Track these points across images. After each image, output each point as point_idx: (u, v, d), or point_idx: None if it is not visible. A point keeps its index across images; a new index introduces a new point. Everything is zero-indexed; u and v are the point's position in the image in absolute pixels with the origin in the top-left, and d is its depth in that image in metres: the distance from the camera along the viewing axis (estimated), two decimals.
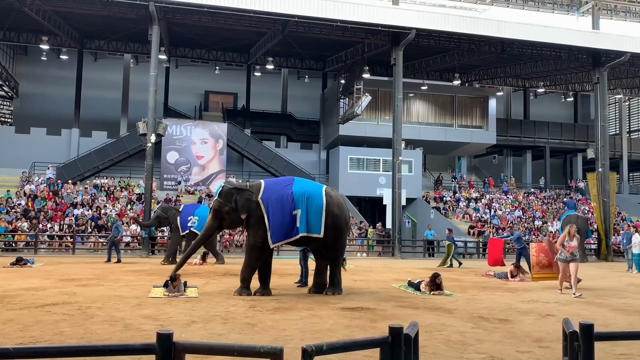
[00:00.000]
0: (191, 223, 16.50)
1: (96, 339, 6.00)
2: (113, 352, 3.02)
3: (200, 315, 7.56)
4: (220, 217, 10.07)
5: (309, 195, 9.79)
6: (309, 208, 9.68)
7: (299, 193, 9.76)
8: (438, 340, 6.35)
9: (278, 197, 9.75)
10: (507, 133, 34.98)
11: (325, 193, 10.00)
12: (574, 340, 3.48)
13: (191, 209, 17.08)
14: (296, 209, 9.66)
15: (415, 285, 11.06)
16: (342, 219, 10.12)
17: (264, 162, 29.66)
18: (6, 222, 21.74)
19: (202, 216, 16.28)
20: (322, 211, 9.75)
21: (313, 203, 9.75)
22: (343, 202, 10.43)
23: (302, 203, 9.68)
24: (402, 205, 24.42)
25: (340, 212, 10.07)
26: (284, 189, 9.90)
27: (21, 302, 8.41)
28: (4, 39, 28.33)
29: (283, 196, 9.74)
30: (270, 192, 9.85)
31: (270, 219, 9.62)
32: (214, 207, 10.19)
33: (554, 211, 31.43)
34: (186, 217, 16.59)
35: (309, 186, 10.20)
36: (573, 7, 32.40)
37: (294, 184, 10.04)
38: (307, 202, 9.71)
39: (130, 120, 29.42)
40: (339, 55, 30.15)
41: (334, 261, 10.22)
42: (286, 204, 9.67)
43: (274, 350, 2.84)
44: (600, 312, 8.85)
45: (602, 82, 26.85)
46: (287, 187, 9.96)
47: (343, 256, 10.44)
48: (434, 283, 10.55)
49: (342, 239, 10.33)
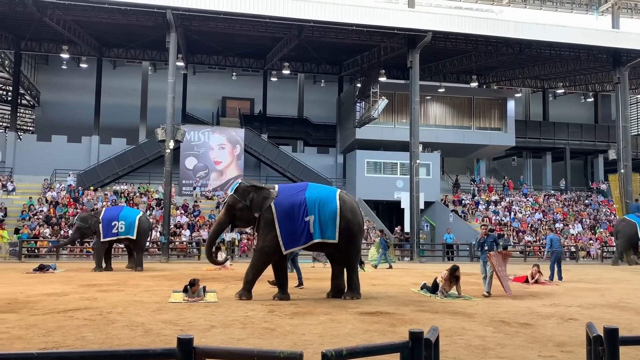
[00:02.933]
0: (116, 229, 15.79)
1: (117, 344, 6.06)
2: (134, 357, 3.04)
3: (219, 320, 7.58)
4: (233, 213, 10.06)
5: (322, 201, 9.72)
6: (322, 214, 9.62)
7: (312, 199, 9.71)
8: (458, 344, 6.29)
9: (290, 203, 9.71)
10: (526, 135, 34.61)
11: (338, 197, 9.91)
12: (598, 344, 3.42)
13: (113, 213, 16.26)
14: (309, 215, 9.60)
15: (431, 288, 10.97)
16: (355, 223, 10.02)
17: (281, 166, 29.75)
18: (29, 229, 22.10)
19: (128, 219, 15.92)
20: (335, 216, 9.67)
21: (326, 208, 9.68)
22: (356, 207, 10.34)
23: (315, 209, 9.62)
24: (420, 209, 24.29)
25: (353, 217, 9.98)
26: (296, 195, 9.85)
27: (44, 308, 8.53)
28: (25, 49, 28.90)
29: (295, 202, 9.69)
30: (283, 198, 9.81)
31: (280, 225, 9.58)
32: (228, 203, 10.19)
33: (575, 213, 30.99)
34: (108, 223, 15.81)
35: (322, 191, 10.09)
36: (592, 7, 32.00)
37: (307, 190, 9.97)
38: (320, 207, 9.64)
39: (149, 127, 29.74)
40: (354, 59, 30.15)
41: (350, 266, 10.15)
42: (298, 211, 9.62)
43: (293, 355, 2.84)
44: (624, 316, 8.68)
45: (623, 82, 26.45)
46: (300, 193, 9.90)
47: (358, 260, 10.36)
48: (454, 276, 10.43)
49: (356, 243, 10.23)
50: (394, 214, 31.14)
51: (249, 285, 9.84)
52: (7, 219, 23.59)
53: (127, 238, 16.12)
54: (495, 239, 11.48)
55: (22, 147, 29.21)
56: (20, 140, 30.54)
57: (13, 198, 25.48)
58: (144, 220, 16.50)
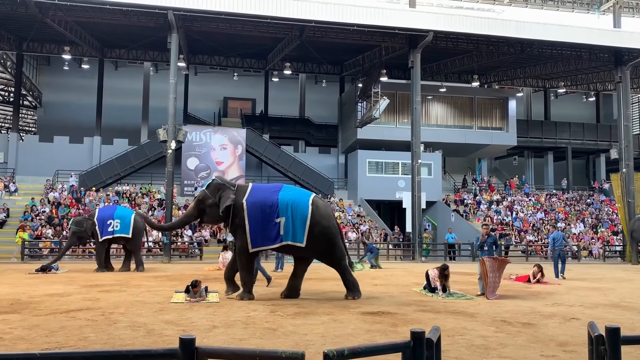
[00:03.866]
0: (112, 227, 15.89)
1: (120, 344, 6.07)
2: (137, 357, 3.05)
3: (221, 320, 7.59)
4: (201, 208, 10.17)
5: (294, 204, 9.67)
6: (293, 217, 9.57)
7: (284, 201, 9.66)
8: (460, 344, 6.29)
9: (262, 202, 9.70)
10: (527, 134, 34.59)
11: (311, 202, 9.82)
12: (600, 344, 3.42)
13: (108, 213, 16.35)
14: (280, 216, 9.57)
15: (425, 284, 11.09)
16: (332, 227, 9.95)
17: (283, 166, 29.77)
18: (31, 229, 22.14)
19: (123, 217, 16.02)
20: (306, 221, 9.60)
21: (297, 212, 9.62)
22: (331, 213, 10.24)
23: (286, 211, 9.58)
24: (422, 209, 24.28)
25: (328, 222, 9.89)
26: (270, 196, 9.82)
27: (46, 308, 8.55)
28: (27, 50, 28.95)
29: (267, 203, 9.68)
30: (255, 197, 9.81)
31: (250, 223, 9.60)
32: (198, 197, 10.35)
33: (577, 213, 30.96)
34: (104, 222, 15.90)
35: (295, 194, 10.03)
36: (593, 6, 31.97)
37: (281, 192, 9.93)
38: (292, 210, 9.59)
39: (151, 128, 29.78)
40: (356, 59, 30.16)
41: (340, 268, 10.08)
42: (269, 211, 9.60)
43: (295, 355, 2.84)
44: (626, 315, 8.68)
45: (624, 81, 26.41)
46: (274, 193, 9.87)
47: (346, 260, 10.21)
48: (443, 275, 10.59)
49: (337, 245, 10.07)
50: (396, 213, 31.14)
51: (248, 286, 9.87)
52: (10, 219, 23.66)
53: (123, 237, 16.16)
54: (495, 240, 11.44)
55: (24, 148, 29.26)
56: (22, 141, 30.58)
57: (15, 199, 25.54)
58: (138, 220, 16.54)
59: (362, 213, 28.23)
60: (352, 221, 26.77)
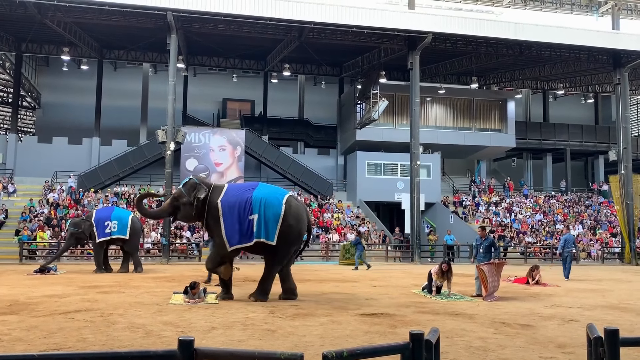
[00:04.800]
0: (109, 229, 15.90)
1: (118, 346, 6.06)
2: (135, 358, 3.05)
3: (220, 322, 7.59)
4: (176, 205, 10.22)
5: (267, 201, 9.63)
6: (266, 214, 9.53)
7: (258, 198, 9.64)
8: (459, 346, 6.29)
9: (236, 201, 9.69)
10: (526, 136, 34.62)
11: (285, 201, 9.77)
12: (599, 345, 3.42)
13: (105, 214, 16.36)
14: (253, 214, 9.54)
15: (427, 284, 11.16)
16: (295, 231, 9.85)
17: (282, 168, 29.76)
18: (29, 231, 22.12)
19: (120, 218, 16.04)
20: (278, 219, 9.56)
21: (270, 210, 9.58)
22: (303, 214, 10.08)
23: (259, 208, 9.55)
24: (420, 210, 24.28)
25: (295, 223, 9.79)
26: (244, 194, 9.81)
27: (45, 309, 8.54)
28: (26, 51, 28.94)
29: (241, 201, 9.67)
30: (230, 196, 9.82)
31: (225, 222, 9.61)
32: (173, 195, 10.46)
33: (576, 214, 30.99)
34: (102, 223, 15.92)
35: (270, 192, 9.97)
36: (592, 8, 32.00)
37: (256, 190, 9.91)
38: (265, 208, 9.56)
39: (150, 129, 29.76)
40: (355, 60, 30.18)
41: (270, 268, 9.94)
42: (243, 209, 9.58)
43: (294, 356, 2.84)
44: (625, 317, 8.69)
45: (623, 83, 26.46)
46: (248, 191, 9.86)
47: (280, 266, 10.05)
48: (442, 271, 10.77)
49: (286, 249, 9.93)
50: (395, 215, 31.14)
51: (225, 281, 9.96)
52: (8, 220, 23.63)
53: (120, 238, 16.16)
54: (491, 243, 11.42)
55: (23, 148, 29.23)
56: (21, 142, 30.55)
57: (14, 200, 25.50)
58: (136, 221, 16.55)
59: (361, 214, 28.24)
60: (351, 222, 26.77)
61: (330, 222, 26.40)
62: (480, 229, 11.97)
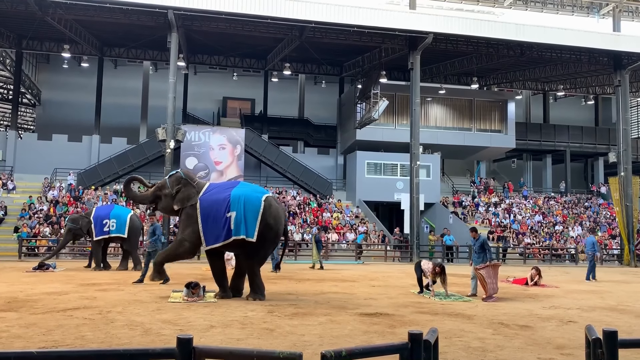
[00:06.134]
0: (108, 227, 15.91)
1: (117, 343, 6.06)
2: (134, 356, 3.05)
3: (218, 320, 7.59)
4: (158, 195, 10.23)
5: (246, 199, 9.61)
6: (244, 211, 9.51)
7: (237, 196, 9.62)
8: (458, 346, 6.29)
9: (215, 199, 9.69)
10: (526, 137, 34.63)
11: (264, 200, 9.75)
12: (598, 347, 3.42)
13: (105, 212, 16.31)
14: (231, 211, 9.52)
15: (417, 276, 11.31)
16: (274, 230, 9.82)
17: (281, 167, 29.76)
18: (29, 228, 22.11)
19: (119, 217, 16.04)
20: (257, 216, 9.54)
21: (249, 207, 9.55)
22: (281, 215, 10.07)
23: (237, 205, 9.52)
24: (420, 210, 24.28)
25: (274, 224, 9.77)
26: (223, 192, 9.80)
27: (43, 307, 8.53)
28: (27, 48, 28.92)
29: (220, 199, 9.66)
30: (209, 194, 9.82)
31: (203, 221, 9.60)
32: (158, 184, 10.43)
33: (575, 216, 31.00)
34: (100, 221, 15.91)
35: (249, 190, 9.97)
36: (593, 9, 32.00)
37: (235, 188, 9.90)
38: (244, 205, 9.54)
39: (150, 127, 29.76)
40: (355, 60, 30.17)
41: (252, 268, 9.90)
42: (220, 207, 9.58)
43: (293, 355, 2.84)
44: (623, 319, 8.69)
45: (623, 85, 26.46)
46: (227, 190, 9.85)
47: (261, 265, 10.08)
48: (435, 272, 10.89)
49: (265, 249, 9.95)
50: (394, 215, 31.14)
51: (158, 266, 10.01)
52: (7, 217, 23.62)
53: (119, 236, 16.16)
54: (483, 242, 11.44)
55: (22, 145, 29.22)
56: (20, 139, 30.54)
57: (13, 197, 25.50)
58: (135, 219, 16.54)
59: (360, 214, 28.24)
60: (350, 222, 26.77)
61: (330, 221, 26.41)
62: (472, 231, 12.00)
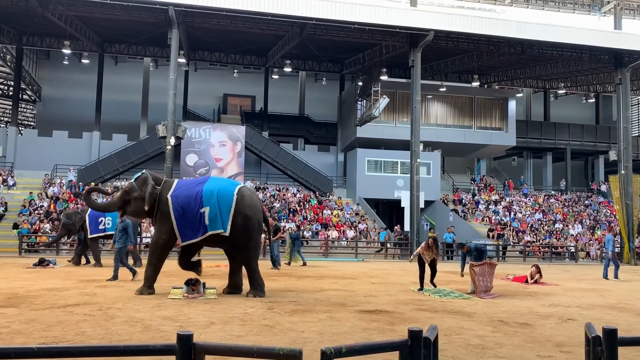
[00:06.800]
0: (103, 225, 15.94)
1: (117, 340, 6.07)
2: (134, 352, 3.05)
3: (218, 317, 7.60)
4: (126, 199, 10.09)
5: (219, 193, 9.60)
6: (219, 205, 9.51)
7: (209, 191, 9.61)
8: (457, 343, 6.30)
9: (187, 195, 9.66)
10: (527, 135, 34.61)
11: (237, 192, 9.74)
12: (597, 345, 3.42)
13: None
14: (204, 206, 9.50)
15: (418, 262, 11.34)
16: (254, 220, 9.81)
17: (282, 164, 29.76)
18: (29, 224, 22.13)
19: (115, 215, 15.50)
20: (230, 209, 9.52)
21: (222, 200, 9.55)
22: (257, 204, 10.03)
23: (210, 200, 9.51)
24: (420, 208, 24.28)
25: (253, 214, 9.76)
26: (194, 187, 9.78)
27: (43, 303, 8.54)
28: (27, 44, 28.89)
29: (192, 194, 9.64)
30: (180, 191, 9.78)
31: (176, 217, 9.57)
32: (124, 189, 10.31)
33: (575, 214, 31.00)
34: (95, 219, 15.88)
35: (221, 184, 9.97)
36: (594, 7, 31.95)
37: (206, 183, 9.88)
38: (217, 199, 9.53)
39: (150, 123, 29.75)
40: (356, 57, 30.14)
41: (249, 263, 9.88)
42: (194, 202, 9.56)
43: (293, 352, 2.84)
44: (623, 317, 8.70)
45: (624, 83, 26.43)
46: (199, 185, 9.83)
47: (257, 257, 10.06)
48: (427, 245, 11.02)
49: (254, 240, 9.96)
50: (394, 212, 31.15)
51: (149, 281, 9.87)
52: (8, 213, 23.64)
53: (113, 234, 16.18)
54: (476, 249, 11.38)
55: (23, 142, 29.22)
56: (21, 135, 30.54)
57: (14, 193, 25.51)
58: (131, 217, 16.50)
59: (360, 211, 28.24)
60: (350, 219, 26.78)
61: (330, 218, 26.42)
62: (461, 247, 11.92)
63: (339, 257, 23.01)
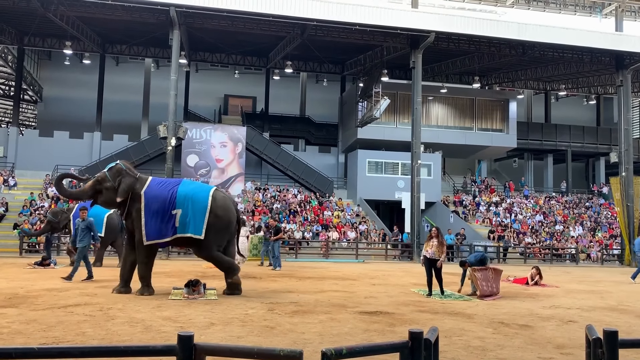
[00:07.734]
0: None
1: (117, 340, 6.07)
2: (134, 353, 3.05)
3: (219, 318, 7.60)
4: (98, 189, 9.95)
5: (193, 197, 9.63)
6: (191, 209, 9.53)
7: (182, 194, 9.63)
8: (458, 345, 6.29)
9: (159, 195, 9.64)
10: (528, 136, 34.61)
11: (211, 195, 9.79)
12: (598, 347, 3.42)
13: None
14: (176, 208, 9.52)
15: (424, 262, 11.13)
16: (225, 220, 9.86)
17: (283, 165, 29.77)
18: (30, 224, 22.13)
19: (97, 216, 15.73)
20: (205, 213, 9.55)
21: (196, 204, 9.58)
22: (229, 205, 10.13)
23: (183, 204, 9.53)
24: (421, 209, 24.28)
25: (224, 214, 9.82)
26: (168, 188, 9.78)
27: (44, 303, 8.54)
28: (29, 44, 28.92)
29: (165, 196, 9.64)
30: (154, 189, 9.76)
31: (146, 215, 9.55)
32: (97, 177, 10.13)
33: (576, 216, 30.98)
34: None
35: (195, 188, 10.00)
36: (595, 9, 31.94)
37: (180, 185, 9.90)
38: (190, 203, 9.55)
39: (151, 124, 29.77)
40: (357, 58, 30.15)
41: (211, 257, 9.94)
42: (165, 204, 9.56)
43: (293, 353, 2.84)
44: (624, 319, 8.69)
45: (625, 85, 26.43)
46: (173, 187, 9.83)
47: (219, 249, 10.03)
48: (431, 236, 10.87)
49: (218, 238, 9.94)
50: (395, 214, 31.14)
51: (145, 280, 9.92)
52: (8, 214, 23.65)
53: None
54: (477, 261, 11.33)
55: (24, 142, 29.24)
56: (22, 136, 30.53)
57: (14, 193, 25.53)
58: (114, 217, 16.43)
59: (361, 213, 28.24)
60: (351, 220, 26.78)
61: (330, 220, 26.41)
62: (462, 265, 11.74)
63: (340, 258, 23.00)
